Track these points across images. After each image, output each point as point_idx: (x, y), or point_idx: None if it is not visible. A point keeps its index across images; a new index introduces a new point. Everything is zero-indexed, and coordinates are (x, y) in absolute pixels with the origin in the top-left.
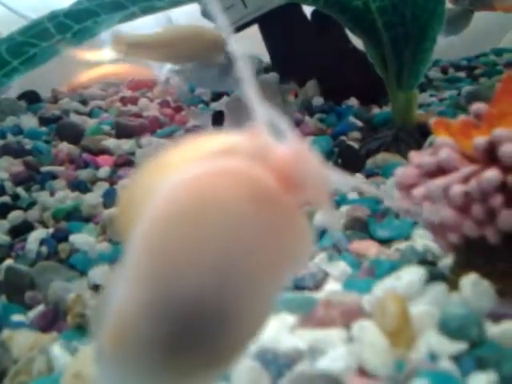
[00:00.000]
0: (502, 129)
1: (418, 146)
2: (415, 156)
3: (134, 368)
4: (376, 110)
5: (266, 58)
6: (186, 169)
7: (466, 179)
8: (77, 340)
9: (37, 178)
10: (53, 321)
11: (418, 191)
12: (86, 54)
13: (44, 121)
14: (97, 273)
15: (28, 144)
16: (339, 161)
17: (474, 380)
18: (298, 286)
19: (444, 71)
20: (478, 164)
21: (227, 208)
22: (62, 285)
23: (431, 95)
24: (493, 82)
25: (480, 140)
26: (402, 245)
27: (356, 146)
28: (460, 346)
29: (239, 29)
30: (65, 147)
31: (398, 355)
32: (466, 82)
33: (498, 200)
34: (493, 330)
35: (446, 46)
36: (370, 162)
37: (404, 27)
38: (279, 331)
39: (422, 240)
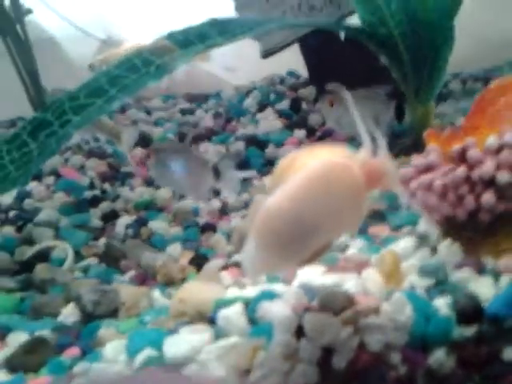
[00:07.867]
0: (471, 138)
1: None
2: (414, 158)
3: (270, 244)
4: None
5: (304, 74)
6: (328, 158)
7: (445, 174)
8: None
9: (118, 177)
10: (144, 281)
11: (413, 184)
12: None
13: None
14: (173, 249)
15: (108, 149)
16: None
17: (436, 301)
18: None
19: (463, 83)
20: (455, 163)
21: (339, 184)
22: (150, 255)
23: (450, 106)
24: None
25: (456, 147)
26: (409, 229)
27: None
28: (430, 282)
29: (283, 48)
30: (138, 151)
31: (389, 288)
32: None
33: (464, 189)
34: (455, 274)
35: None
36: None
37: (422, 49)
38: (314, 275)
39: (425, 226)
